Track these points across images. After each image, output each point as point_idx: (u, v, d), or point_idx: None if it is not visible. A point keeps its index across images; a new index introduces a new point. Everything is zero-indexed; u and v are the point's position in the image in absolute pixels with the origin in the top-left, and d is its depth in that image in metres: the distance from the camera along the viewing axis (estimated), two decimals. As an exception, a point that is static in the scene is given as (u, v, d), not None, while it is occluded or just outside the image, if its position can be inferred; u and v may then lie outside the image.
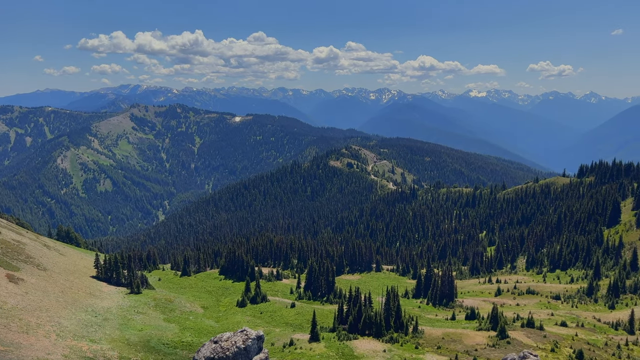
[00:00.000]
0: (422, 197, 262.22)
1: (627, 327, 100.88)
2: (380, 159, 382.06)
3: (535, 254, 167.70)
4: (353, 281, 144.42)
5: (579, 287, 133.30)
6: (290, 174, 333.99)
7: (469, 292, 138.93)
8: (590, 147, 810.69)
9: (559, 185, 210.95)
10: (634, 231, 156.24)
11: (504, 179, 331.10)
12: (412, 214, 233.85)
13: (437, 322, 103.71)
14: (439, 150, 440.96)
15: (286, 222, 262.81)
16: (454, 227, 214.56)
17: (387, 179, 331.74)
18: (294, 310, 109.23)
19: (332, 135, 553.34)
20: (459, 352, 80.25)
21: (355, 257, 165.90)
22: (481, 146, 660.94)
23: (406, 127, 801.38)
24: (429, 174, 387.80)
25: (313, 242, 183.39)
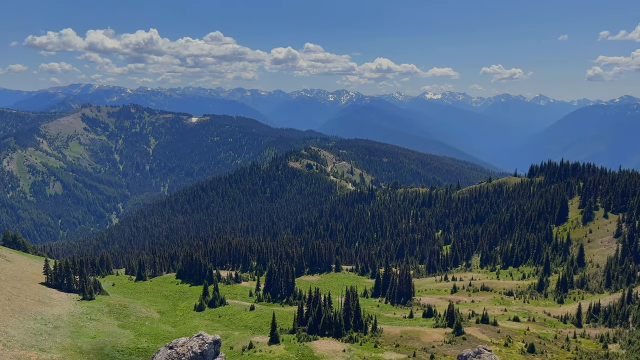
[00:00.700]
0: (380, 197, 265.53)
1: (575, 320, 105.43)
2: (340, 160, 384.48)
3: (489, 251, 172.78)
4: (313, 282, 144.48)
5: (530, 283, 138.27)
6: (249, 175, 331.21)
7: (426, 290, 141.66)
8: (540, 148, 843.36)
9: (511, 185, 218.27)
10: (581, 228, 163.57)
11: (459, 179, 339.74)
12: (371, 214, 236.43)
13: (396, 320, 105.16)
14: (396, 151, 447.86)
15: (245, 224, 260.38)
16: (411, 227, 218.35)
17: (346, 180, 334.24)
18: (254, 313, 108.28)
19: (291, 136, 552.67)
20: (417, 349, 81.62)
21: (315, 257, 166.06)
22: (437, 147, 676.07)
23: (364, 128, 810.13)
24: (387, 174, 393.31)
25: (272, 244, 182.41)
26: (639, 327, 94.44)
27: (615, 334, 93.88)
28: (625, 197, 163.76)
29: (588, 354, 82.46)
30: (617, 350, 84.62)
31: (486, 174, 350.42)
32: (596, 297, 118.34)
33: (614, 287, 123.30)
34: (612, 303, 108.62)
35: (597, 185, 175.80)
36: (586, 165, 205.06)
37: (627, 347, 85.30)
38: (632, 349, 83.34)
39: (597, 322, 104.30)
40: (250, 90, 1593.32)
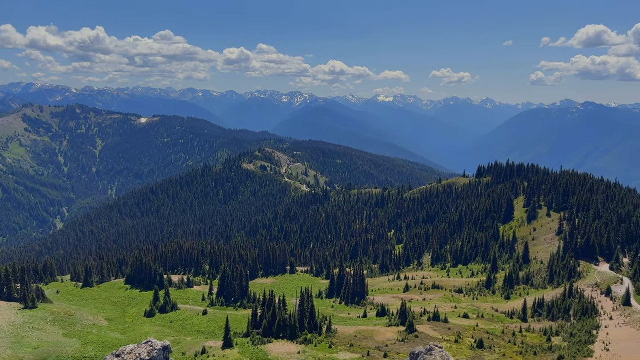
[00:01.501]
0: (334, 198, 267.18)
1: (521, 315, 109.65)
2: (294, 162, 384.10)
3: (439, 250, 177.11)
4: (267, 285, 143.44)
5: (479, 280, 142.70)
6: (201, 178, 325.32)
7: (380, 290, 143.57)
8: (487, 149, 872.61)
9: (460, 185, 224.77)
10: (526, 227, 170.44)
11: (411, 180, 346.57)
12: (325, 215, 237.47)
13: (350, 320, 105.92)
14: (350, 153, 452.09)
15: (197, 227, 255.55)
16: (364, 227, 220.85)
17: (301, 182, 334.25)
18: (207, 318, 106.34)
19: (245, 137, 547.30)
20: (371, 348, 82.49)
21: (270, 260, 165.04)
22: (389, 149, 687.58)
23: (319, 130, 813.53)
24: (341, 175, 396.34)
25: (226, 247, 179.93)
26: (580, 320, 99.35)
27: (558, 328, 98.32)
28: (566, 196, 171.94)
29: (533, 347, 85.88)
30: (560, 343, 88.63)
31: (436, 175, 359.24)
32: (540, 293, 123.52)
33: (556, 282, 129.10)
34: (554, 298, 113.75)
35: (540, 185, 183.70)
36: (530, 166, 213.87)
37: (568, 340, 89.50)
38: (574, 341, 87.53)
39: (541, 317, 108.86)
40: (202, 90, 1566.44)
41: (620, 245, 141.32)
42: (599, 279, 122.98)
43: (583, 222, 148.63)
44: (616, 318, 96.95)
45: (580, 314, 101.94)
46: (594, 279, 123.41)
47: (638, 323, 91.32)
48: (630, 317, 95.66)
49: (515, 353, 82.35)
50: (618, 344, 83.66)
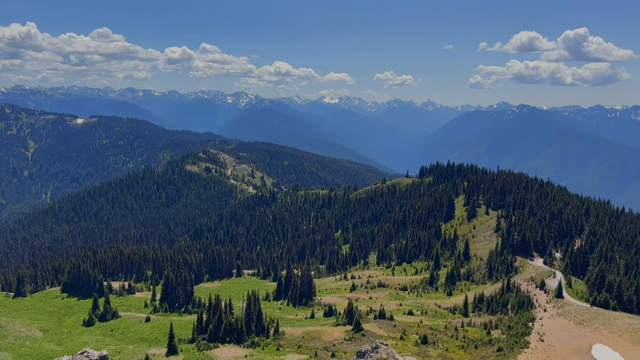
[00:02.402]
0: (281, 200, 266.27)
1: (463, 310, 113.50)
2: (240, 163, 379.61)
3: (384, 249, 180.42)
4: (213, 289, 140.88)
5: (422, 277, 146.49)
6: (142, 180, 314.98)
7: (327, 290, 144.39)
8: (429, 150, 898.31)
9: (404, 185, 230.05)
10: (466, 224, 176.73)
11: (356, 181, 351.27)
12: (272, 217, 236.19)
13: (298, 321, 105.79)
14: (296, 154, 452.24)
15: (139, 231, 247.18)
16: (312, 228, 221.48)
17: (247, 183, 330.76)
18: (149, 324, 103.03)
19: (188, 138, 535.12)
20: (319, 348, 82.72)
21: (215, 263, 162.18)
22: (335, 150, 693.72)
23: (265, 131, 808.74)
24: (288, 177, 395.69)
25: (169, 251, 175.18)
26: (517, 313, 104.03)
27: (497, 321, 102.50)
28: (503, 195, 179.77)
29: (474, 340, 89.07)
30: (499, 336, 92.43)
31: (381, 176, 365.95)
32: (480, 288, 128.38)
33: (495, 277, 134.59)
34: (493, 292, 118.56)
35: (479, 185, 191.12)
36: (469, 166, 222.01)
37: (507, 332, 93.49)
38: (511, 334, 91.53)
39: (481, 311, 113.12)
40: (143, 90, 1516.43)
41: (553, 240, 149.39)
42: (533, 273, 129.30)
43: (519, 220, 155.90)
44: (550, 310, 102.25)
45: (517, 307, 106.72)
46: (529, 274, 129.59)
47: (569, 314, 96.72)
48: (562, 308, 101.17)
49: (457, 347, 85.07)
50: (551, 334, 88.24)
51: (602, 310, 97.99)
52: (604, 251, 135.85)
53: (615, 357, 74.42)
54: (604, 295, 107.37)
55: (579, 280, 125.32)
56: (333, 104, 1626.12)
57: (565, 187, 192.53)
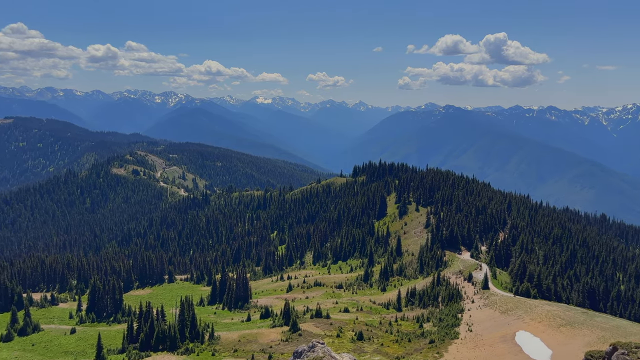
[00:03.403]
0: (215, 202, 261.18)
1: (396, 305, 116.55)
2: (170, 165, 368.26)
3: (320, 248, 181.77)
4: (144, 296, 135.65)
5: (357, 274, 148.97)
6: (64, 185, 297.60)
7: (263, 292, 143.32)
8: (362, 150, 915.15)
9: (338, 185, 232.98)
10: (398, 221, 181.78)
11: (292, 181, 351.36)
12: (206, 219, 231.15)
13: (234, 325, 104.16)
14: (230, 155, 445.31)
15: (62, 239, 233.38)
16: (247, 230, 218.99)
17: (178, 186, 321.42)
18: (75, 336, 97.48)
19: (114, 140, 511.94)
20: (255, 351, 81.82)
21: (146, 270, 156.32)
22: (270, 150, 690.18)
23: (196, 131, 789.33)
24: (221, 178, 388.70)
25: (96, 259, 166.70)
26: (447, 306, 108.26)
27: (428, 314, 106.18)
28: (432, 192, 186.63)
29: (407, 334, 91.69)
30: (431, 328, 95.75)
31: (316, 176, 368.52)
32: (412, 283, 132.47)
33: (426, 272, 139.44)
34: (425, 287, 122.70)
35: (409, 183, 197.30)
36: (400, 165, 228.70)
37: (438, 325, 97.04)
38: (442, 325, 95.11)
39: (414, 305, 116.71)
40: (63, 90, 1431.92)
41: (479, 234, 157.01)
42: (461, 266, 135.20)
43: (447, 215, 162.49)
44: (477, 301, 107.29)
45: (447, 300, 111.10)
46: (457, 267, 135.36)
47: (495, 304, 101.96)
48: (489, 299, 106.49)
49: (391, 342, 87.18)
50: (479, 324, 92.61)
51: (524, 299, 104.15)
52: (525, 243, 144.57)
53: (536, 342, 79.29)
54: (526, 285, 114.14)
55: (503, 271, 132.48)
56: (266, 104, 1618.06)
57: (489, 184, 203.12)
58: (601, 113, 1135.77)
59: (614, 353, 39.96)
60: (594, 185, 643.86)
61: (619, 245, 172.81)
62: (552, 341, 78.34)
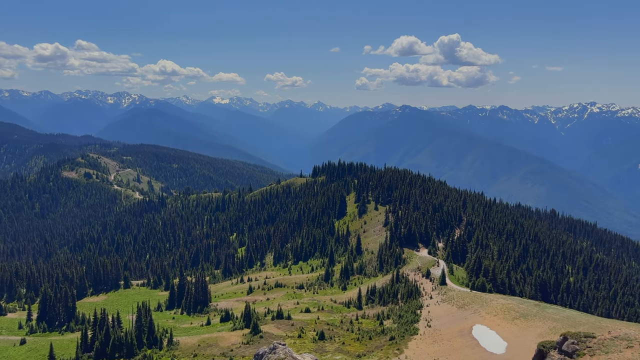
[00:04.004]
0: (171, 204, 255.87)
1: (357, 303, 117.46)
2: (124, 168, 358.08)
3: (281, 249, 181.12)
4: (98, 303, 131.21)
5: (318, 274, 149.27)
6: (11, 189, 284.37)
7: (223, 295, 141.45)
8: (321, 150, 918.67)
9: (298, 185, 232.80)
10: (357, 220, 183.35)
11: (251, 182, 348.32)
12: (162, 223, 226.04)
13: (193, 330, 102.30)
14: (186, 157, 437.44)
15: (9, 246, 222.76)
16: (205, 232, 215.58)
17: (133, 189, 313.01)
18: (25, 347, 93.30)
19: (65, 142, 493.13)
20: (216, 355, 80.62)
21: (100, 276, 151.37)
22: (228, 151, 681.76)
23: (150, 133, 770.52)
24: (178, 180, 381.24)
25: (46, 266, 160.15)
26: (406, 302, 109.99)
27: (388, 311, 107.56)
28: (390, 190, 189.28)
29: (368, 332, 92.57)
30: (391, 325, 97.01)
31: (275, 176, 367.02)
32: (372, 281, 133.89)
33: (385, 270, 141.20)
34: (384, 284, 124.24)
35: (368, 182, 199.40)
36: (359, 164, 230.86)
37: (398, 321, 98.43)
38: (402, 322, 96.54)
39: (374, 303, 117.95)
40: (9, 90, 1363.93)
41: (436, 231, 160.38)
42: (420, 263, 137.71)
43: (405, 214, 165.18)
44: (435, 297, 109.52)
45: (406, 297, 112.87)
46: (416, 264, 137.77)
47: (452, 299, 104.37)
48: (446, 294, 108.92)
49: (353, 340, 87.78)
50: (438, 320, 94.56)
51: (480, 293, 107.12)
52: (480, 239, 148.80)
53: (492, 335, 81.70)
54: (481, 280, 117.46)
55: (460, 267, 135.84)
56: (224, 105, 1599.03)
57: (444, 182, 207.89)
58: (550, 112, 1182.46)
59: (564, 343, 41.62)
60: (544, 182, 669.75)
61: (568, 239, 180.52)
62: (507, 334, 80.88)
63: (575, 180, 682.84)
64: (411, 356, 78.08)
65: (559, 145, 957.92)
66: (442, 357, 76.61)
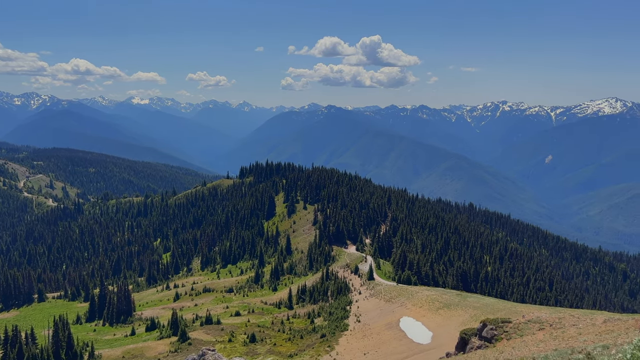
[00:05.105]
0: (89, 211, 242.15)
1: (288, 303, 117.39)
2: (35, 173, 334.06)
3: (208, 253, 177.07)
4: (9, 319, 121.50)
5: (248, 277, 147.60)
6: None
7: (148, 303, 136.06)
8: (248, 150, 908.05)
9: (225, 187, 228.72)
10: (287, 220, 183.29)
11: (175, 185, 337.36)
12: (80, 231, 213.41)
13: (116, 341, 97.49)
14: (104, 160, 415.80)
15: None
16: (127, 239, 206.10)
17: (46, 195, 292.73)
18: None
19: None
20: (142, 367, 77.34)
21: (11, 290, 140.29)
22: (149, 154, 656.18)
23: (64, 136, 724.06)
24: (96, 185, 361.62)
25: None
26: (336, 299, 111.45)
27: (319, 309, 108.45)
28: (318, 190, 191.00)
29: (299, 331, 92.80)
30: (322, 323, 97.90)
31: (201, 178, 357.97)
32: (303, 280, 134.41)
33: (315, 268, 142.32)
34: (315, 282, 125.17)
35: (296, 182, 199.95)
36: (287, 164, 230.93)
37: (328, 319, 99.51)
38: (332, 319, 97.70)
39: (305, 302, 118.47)
40: None
41: (363, 228, 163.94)
42: (348, 260, 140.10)
43: (333, 212, 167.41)
44: (364, 292, 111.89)
45: (336, 294, 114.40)
46: (345, 261, 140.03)
47: (380, 293, 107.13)
48: (374, 289, 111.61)
49: (284, 340, 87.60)
50: (367, 314, 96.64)
51: (406, 286, 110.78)
52: (405, 234, 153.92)
53: (419, 326, 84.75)
54: (407, 273, 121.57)
55: (386, 261, 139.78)
56: (143, 105, 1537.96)
57: (370, 180, 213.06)
58: (465, 111, 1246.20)
59: (484, 329, 43.92)
60: (461, 177, 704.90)
61: (485, 230, 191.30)
62: (432, 324, 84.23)
63: (490, 175, 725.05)
64: (342, 352, 79.19)
65: (475, 142, 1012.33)
66: (371, 351, 78.36)
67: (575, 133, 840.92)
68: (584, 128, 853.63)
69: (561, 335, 35.12)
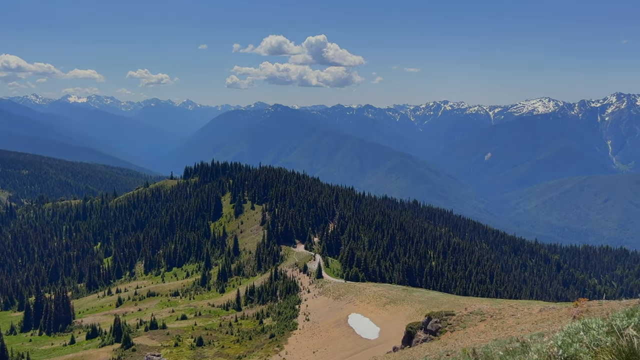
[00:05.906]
0: (23, 215, 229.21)
1: (236, 305, 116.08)
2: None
3: (152, 256, 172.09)
4: None
5: (194, 279, 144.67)
6: None
7: (89, 310, 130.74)
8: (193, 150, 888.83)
9: (169, 188, 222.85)
10: (234, 221, 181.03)
11: (115, 187, 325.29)
12: (12, 236, 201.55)
13: (54, 351, 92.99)
14: (38, 161, 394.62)
15: None
16: (65, 244, 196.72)
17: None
18: None
19: None
20: (83, 377, 74.16)
21: None
22: (87, 154, 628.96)
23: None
24: (29, 188, 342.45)
25: None
26: (285, 299, 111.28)
27: (268, 309, 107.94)
28: (266, 189, 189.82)
29: (248, 332, 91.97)
30: (271, 323, 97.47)
31: (143, 179, 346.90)
32: (251, 280, 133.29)
33: (264, 268, 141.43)
34: (263, 283, 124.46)
35: (244, 182, 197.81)
36: (233, 164, 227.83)
37: (277, 318, 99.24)
38: (281, 319, 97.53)
39: (253, 303, 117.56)
40: None
41: (311, 227, 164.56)
42: (297, 259, 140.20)
43: (281, 211, 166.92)
44: (312, 290, 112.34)
45: (285, 293, 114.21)
46: (293, 260, 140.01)
47: (329, 291, 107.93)
48: (323, 287, 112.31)
49: (232, 342, 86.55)
50: (315, 312, 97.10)
51: (354, 283, 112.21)
52: (352, 231, 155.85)
53: (366, 322, 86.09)
54: (355, 270, 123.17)
55: (335, 259, 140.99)
56: (81, 104, 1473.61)
57: (318, 178, 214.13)
58: (409, 110, 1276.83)
59: (429, 322, 45.21)
60: (406, 174, 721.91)
61: (429, 226, 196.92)
62: (379, 319, 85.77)
63: (433, 172, 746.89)
64: (291, 351, 79.18)
65: (418, 141, 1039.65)
66: (320, 349, 78.83)
67: (512, 131, 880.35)
68: (520, 126, 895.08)
69: (501, 325, 36.70)
